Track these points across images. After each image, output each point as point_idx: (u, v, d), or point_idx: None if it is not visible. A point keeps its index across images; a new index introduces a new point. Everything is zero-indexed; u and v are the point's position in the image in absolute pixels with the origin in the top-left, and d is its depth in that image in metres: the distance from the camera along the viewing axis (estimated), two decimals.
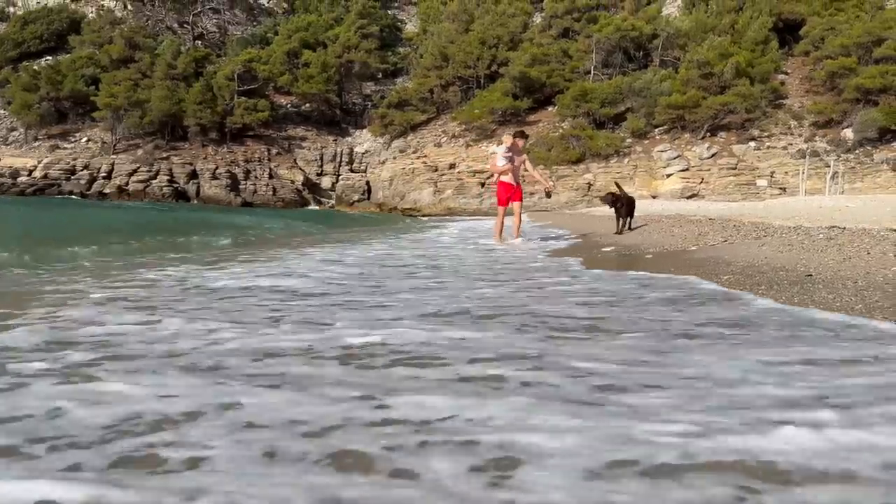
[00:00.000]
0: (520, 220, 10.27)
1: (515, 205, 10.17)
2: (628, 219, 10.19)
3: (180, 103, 37.55)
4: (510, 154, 9.94)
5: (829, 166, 28.59)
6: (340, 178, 39.44)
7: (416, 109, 38.49)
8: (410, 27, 51.20)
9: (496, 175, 10.42)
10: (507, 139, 10.16)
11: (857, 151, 29.30)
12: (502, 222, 10.27)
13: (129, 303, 3.82)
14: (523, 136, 10.46)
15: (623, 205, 10.03)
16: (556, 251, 8.45)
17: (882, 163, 28.51)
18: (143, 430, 1.66)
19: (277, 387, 2.04)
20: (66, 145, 38.22)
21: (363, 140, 41.02)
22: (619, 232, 9.97)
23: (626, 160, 31.11)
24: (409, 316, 3.39)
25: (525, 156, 10.35)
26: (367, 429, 1.65)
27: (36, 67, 41.51)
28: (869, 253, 5.23)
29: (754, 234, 7.90)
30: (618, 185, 11.12)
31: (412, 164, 34.96)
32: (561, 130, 33.33)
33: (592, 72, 35.86)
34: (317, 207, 36.79)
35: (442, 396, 1.89)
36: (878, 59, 30.05)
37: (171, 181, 35.80)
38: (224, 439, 1.58)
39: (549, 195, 10.74)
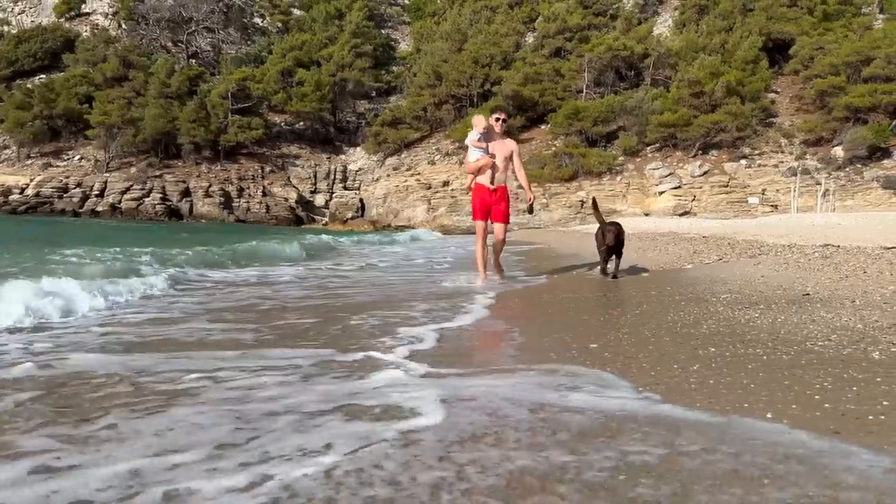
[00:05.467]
0: (501, 249, 6.76)
1: (496, 227, 6.60)
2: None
3: (174, 121, 37.58)
4: (485, 144, 6.56)
5: (819, 184, 28.78)
6: (334, 195, 39.47)
7: (409, 127, 38.64)
8: (404, 46, 51.60)
9: (471, 177, 6.69)
10: (480, 120, 6.71)
11: (847, 169, 29.53)
12: (483, 246, 6.61)
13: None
14: (503, 114, 6.95)
15: None
16: (547, 273, 8.44)
17: (872, 180, 28.74)
18: None
19: None
20: (59, 163, 38.13)
21: (357, 158, 41.11)
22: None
23: (619, 178, 31.27)
24: None
25: (515, 147, 6.85)
26: None
27: (29, 86, 41.55)
28: (865, 272, 5.24)
29: (749, 252, 7.92)
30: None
31: (406, 181, 35.04)
32: (554, 148, 33.51)
33: (584, 90, 36.13)
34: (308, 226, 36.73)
35: None
36: (867, 78, 30.37)
37: (164, 199, 35.73)
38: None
39: (531, 210, 7.15)
